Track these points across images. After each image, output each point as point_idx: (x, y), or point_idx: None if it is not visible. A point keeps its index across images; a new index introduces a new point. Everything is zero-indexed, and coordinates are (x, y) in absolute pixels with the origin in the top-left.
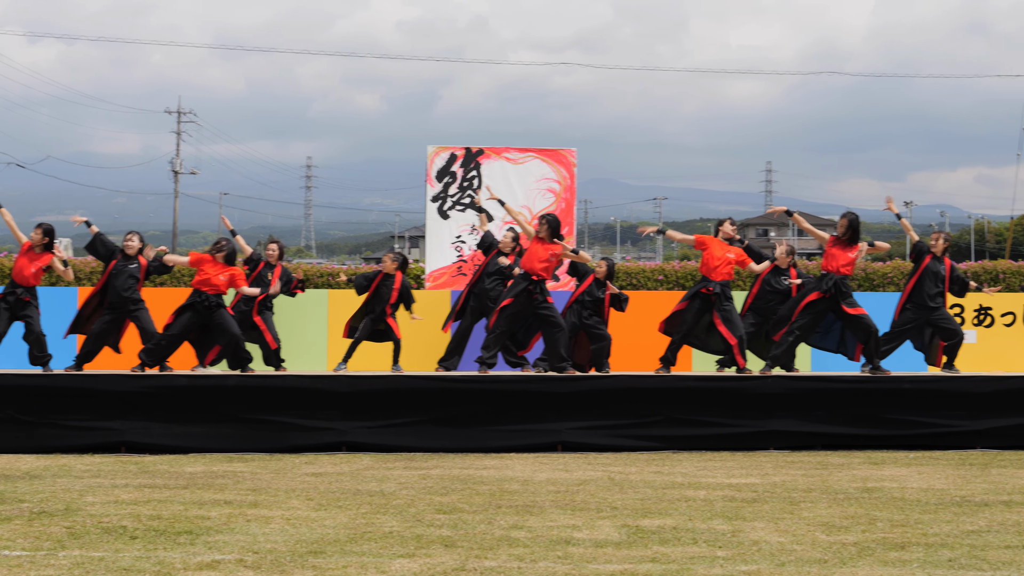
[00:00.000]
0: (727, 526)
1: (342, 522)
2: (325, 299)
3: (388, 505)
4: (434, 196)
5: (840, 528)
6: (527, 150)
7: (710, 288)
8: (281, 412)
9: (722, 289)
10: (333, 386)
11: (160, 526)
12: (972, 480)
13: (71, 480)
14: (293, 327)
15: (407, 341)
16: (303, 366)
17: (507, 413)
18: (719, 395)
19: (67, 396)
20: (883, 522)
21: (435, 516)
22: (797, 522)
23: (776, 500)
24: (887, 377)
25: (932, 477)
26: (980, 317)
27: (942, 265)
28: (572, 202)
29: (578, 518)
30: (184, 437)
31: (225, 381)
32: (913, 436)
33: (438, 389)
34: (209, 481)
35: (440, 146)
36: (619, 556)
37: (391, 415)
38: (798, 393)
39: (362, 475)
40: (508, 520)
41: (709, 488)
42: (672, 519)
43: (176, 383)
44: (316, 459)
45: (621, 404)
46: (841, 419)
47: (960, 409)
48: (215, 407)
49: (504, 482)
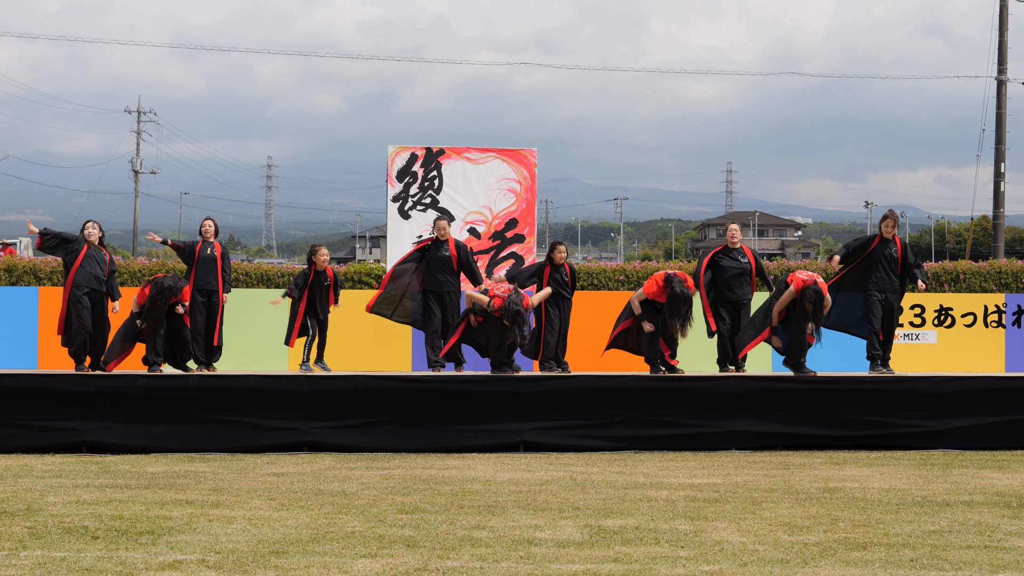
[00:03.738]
0: (689, 526)
1: (304, 522)
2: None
3: (350, 505)
4: (395, 196)
5: (802, 528)
6: (488, 150)
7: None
8: (243, 412)
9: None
10: (295, 386)
11: (122, 526)
12: (933, 480)
13: (32, 480)
14: (253, 326)
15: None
16: (264, 366)
17: (469, 413)
18: (681, 395)
19: (28, 396)
20: (845, 522)
21: (397, 516)
22: (759, 522)
23: (738, 500)
24: (848, 377)
25: (894, 477)
26: (940, 317)
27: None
28: (533, 202)
29: (540, 518)
30: (146, 437)
31: (186, 382)
32: (875, 436)
33: (400, 389)
34: (171, 481)
35: (401, 146)
36: (581, 556)
37: (353, 415)
38: (759, 393)
39: (324, 475)
40: (470, 520)
41: (671, 488)
42: (634, 519)
43: (137, 383)
44: (278, 459)
45: (583, 404)
46: (802, 419)
47: (921, 409)
48: (176, 407)
49: (466, 482)
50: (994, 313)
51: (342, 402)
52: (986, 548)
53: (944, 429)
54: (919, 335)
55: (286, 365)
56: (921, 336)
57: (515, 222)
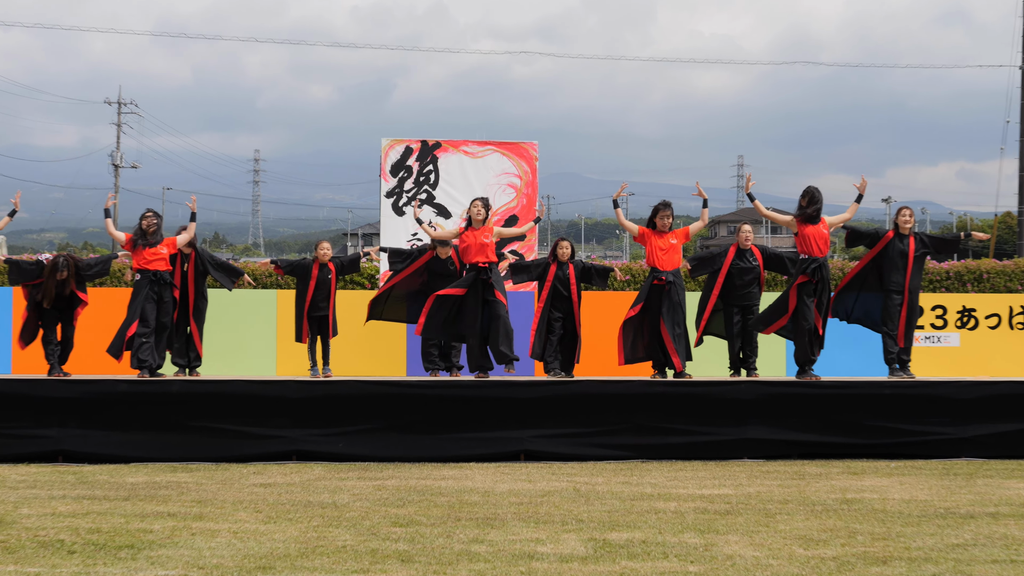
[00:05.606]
0: (699, 540)
1: (292, 536)
2: (274, 299)
3: (341, 518)
4: (389, 191)
5: (818, 542)
6: (486, 143)
7: (662, 278)
8: (228, 419)
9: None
10: (283, 391)
11: (100, 540)
12: (957, 491)
13: (5, 491)
14: (240, 329)
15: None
16: (251, 370)
17: (467, 420)
18: (690, 401)
19: (1, 403)
20: (863, 535)
21: (391, 529)
22: (773, 535)
23: (751, 512)
24: (866, 382)
25: (915, 487)
26: (963, 319)
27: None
28: (534, 198)
29: (542, 531)
30: (125, 445)
31: (168, 387)
32: (894, 444)
33: (394, 395)
34: (151, 492)
35: (395, 139)
36: (586, 571)
37: (344, 422)
38: (773, 399)
39: (313, 486)
40: (468, 534)
41: (680, 500)
42: (641, 532)
43: (116, 389)
44: (265, 469)
45: (587, 411)
46: (819, 426)
47: (944, 416)
48: (158, 414)
49: (464, 493)
50: (1020, 314)
51: (333, 408)
52: (1012, 563)
53: (968, 437)
54: (941, 337)
55: (274, 369)
56: (943, 338)
57: (515, 219)
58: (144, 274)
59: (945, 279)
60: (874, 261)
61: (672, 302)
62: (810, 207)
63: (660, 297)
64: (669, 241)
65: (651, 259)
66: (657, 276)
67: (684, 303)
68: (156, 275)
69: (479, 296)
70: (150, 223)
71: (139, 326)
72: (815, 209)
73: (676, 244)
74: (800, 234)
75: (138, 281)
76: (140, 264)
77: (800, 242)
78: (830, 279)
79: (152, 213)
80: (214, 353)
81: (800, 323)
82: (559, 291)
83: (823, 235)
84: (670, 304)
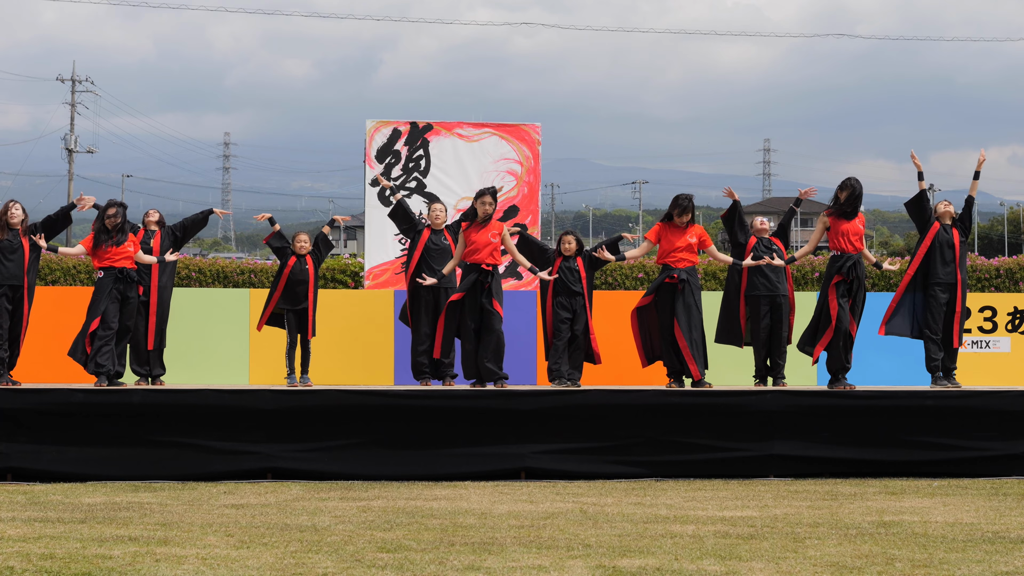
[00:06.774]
0: (720, 567)
1: (267, 562)
2: (247, 299)
3: (322, 542)
4: (374, 179)
5: (852, 569)
6: (483, 125)
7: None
8: (195, 433)
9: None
10: (256, 402)
11: (53, 567)
12: (1007, 513)
13: None
14: (208, 332)
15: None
16: (221, 379)
17: (461, 434)
18: (710, 413)
19: None
20: (903, 562)
21: (377, 555)
22: (802, 562)
23: (777, 536)
24: (907, 392)
25: (960, 509)
26: (1015, 322)
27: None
28: (536, 186)
29: (545, 557)
30: (81, 463)
31: (129, 397)
32: (938, 461)
33: (380, 406)
34: (111, 514)
35: (381, 120)
36: None
37: (325, 436)
38: (803, 411)
39: (291, 507)
40: (463, 560)
41: (699, 523)
42: (655, 559)
43: (72, 399)
44: (237, 488)
45: (595, 424)
46: (853, 441)
47: (993, 430)
48: (118, 427)
49: (458, 515)
50: None
51: (312, 421)
52: None
53: (1020, 453)
54: (990, 342)
55: (247, 377)
56: (992, 343)
57: (515, 209)
58: (108, 272)
59: (995, 277)
60: (924, 257)
61: (686, 303)
62: (847, 204)
63: (673, 297)
64: (687, 239)
65: (664, 255)
66: (670, 274)
67: (700, 305)
68: (122, 272)
69: (477, 300)
70: (114, 221)
71: (100, 326)
72: (853, 207)
73: (694, 243)
74: (832, 229)
75: (101, 279)
76: (103, 263)
77: (833, 237)
78: (865, 276)
79: (116, 206)
80: (180, 360)
81: (837, 327)
82: (567, 287)
83: (858, 230)
84: (684, 305)
